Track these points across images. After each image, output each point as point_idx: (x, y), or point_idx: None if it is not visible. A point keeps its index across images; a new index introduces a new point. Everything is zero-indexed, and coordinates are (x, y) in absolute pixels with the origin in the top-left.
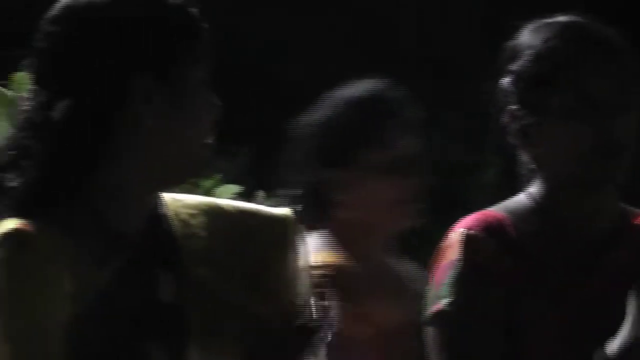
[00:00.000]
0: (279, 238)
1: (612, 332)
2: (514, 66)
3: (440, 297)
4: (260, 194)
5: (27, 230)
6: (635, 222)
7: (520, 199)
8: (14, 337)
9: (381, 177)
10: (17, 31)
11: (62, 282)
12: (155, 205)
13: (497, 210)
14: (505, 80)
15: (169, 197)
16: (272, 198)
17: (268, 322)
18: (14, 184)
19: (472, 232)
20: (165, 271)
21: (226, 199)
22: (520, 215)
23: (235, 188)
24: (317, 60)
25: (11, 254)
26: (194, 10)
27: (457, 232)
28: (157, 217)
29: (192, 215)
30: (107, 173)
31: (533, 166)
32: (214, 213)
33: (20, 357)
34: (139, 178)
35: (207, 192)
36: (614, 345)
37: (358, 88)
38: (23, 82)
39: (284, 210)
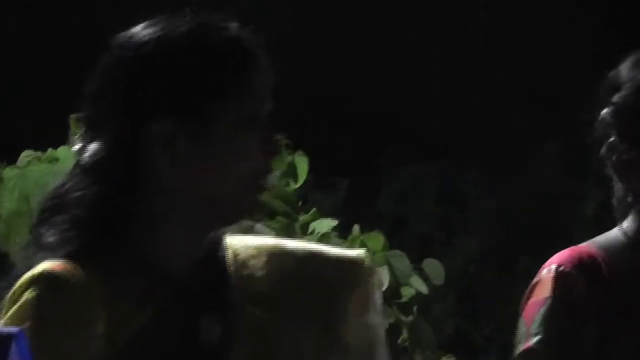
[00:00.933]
0: (348, 281)
1: None
2: (616, 98)
3: (530, 335)
4: (356, 228)
5: (60, 270)
6: None
7: (614, 234)
8: None
9: None
10: None
11: (96, 322)
12: (213, 246)
13: (590, 246)
14: (606, 112)
15: (232, 238)
16: (367, 232)
17: None
18: (55, 228)
19: (564, 269)
20: (211, 313)
21: (295, 241)
22: (614, 252)
23: (331, 222)
24: (415, 92)
25: (41, 293)
26: (238, 41)
27: (549, 269)
28: (213, 258)
29: (252, 256)
30: (148, 215)
31: (630, 200)
32: (278, 254)
33: None
34: (177, 220)
35: (304, 226)
36: None
37: None
38: None
39: (358, 252)
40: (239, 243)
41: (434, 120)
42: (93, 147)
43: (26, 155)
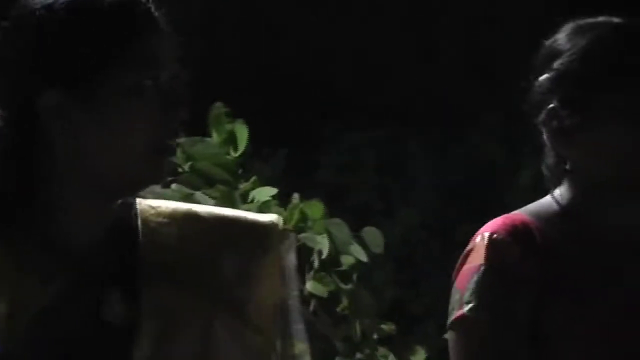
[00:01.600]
0: (259, 247)
1: None
2: (556, 64)
3: (463, 303)
4: (295, 196)
5: None
6: None
7: (547, 202)
8: None
9: None
10: None
11: None
12: (122, 215)
13: (523, 214)
14: (545, 78)
15: (143, 205)
16: (306, 201)
17: (230, 344)
18: None
19: (497, 236)
20: (115, 291)
21: (207, 207)
22: (548, 219)
23: (271, 190)
24: (357, 62)
25: None
26: (124, 7)
27: (482, 236)
28: (120, 230)
29: (163, 224)
30: (50, 187)
31: (567, 168)
32: (190, 220)
33: None
34: (77, 192)
35: (244, 195)
36: None
37: None
38: None
39: (270, 217)
40: (151, 210)
41: (375, 90)
42: None
43: None
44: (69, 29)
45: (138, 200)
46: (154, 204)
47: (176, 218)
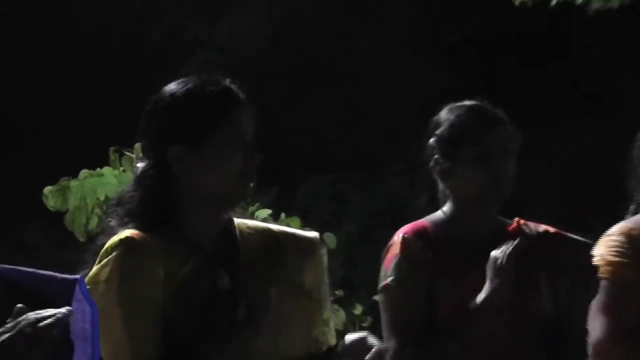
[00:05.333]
0: (309, 253)
1: None
2: (438, 131)
3: (388, 276)
4: (282, 215)
5: (135, 237)
6: (509, 229)
7: (438, 214)
8: (127, 314)
9: None
10: None
11: (157, 273)
12: (227, 224)
13: (424, 222)
14: (432, 140)
15: (239, 221)
16: (289, 218)
17: (294, 313)
18: (130, 206)
19: (407, 235)
20: (223, 268)
21: (276, 225)
22: (438, 224)
23: (268, 211)
24: (314, 136)
25: (124, 253)
26: (225, 91)
27: (398, 236)
28: (227, 233)
29: (250, 234)
30: (182, 205)
31: (447, 193)
32: (266, 233)
33: (129, 326)
34: (197, 208)
35: (252, 214)
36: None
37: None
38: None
39: (314, 233)
40: (243, 224)
41: (324, 148)
42: (140, 164)
43: (84, 172)
44: (185, 108)
45: (235, 219)
46: (245, 221)
47: (258, 230)
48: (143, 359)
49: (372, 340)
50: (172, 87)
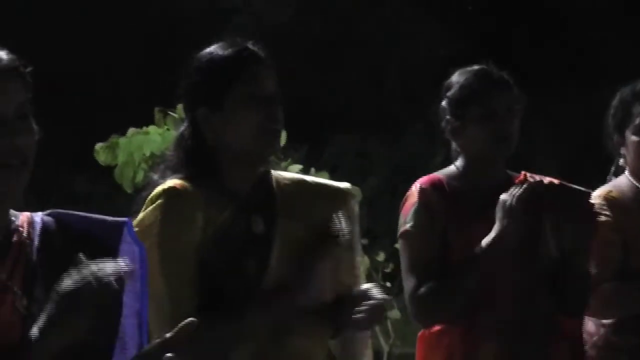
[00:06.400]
0: (341, 202)
1: None
2: (449, 93)
3: (406, 223)
4: (312, 170)
5: (177, 186)
6: (516, 181)
7: (452, 168)
8: (165, 256)
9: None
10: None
11: (197, 219)
12: (264, 176)
13: (438, 175)
14: (444, 102)
15: (276, 173)
16: (318, 172)
17: (325, 253)
18: (172, 163)
19: (424, 186)
20: (258, 214)
21: (311, 177)
22: (451, 177)
23: (298, 167)
24: (337, 99)
25: (167, 201)
26: (239, 51)
27: (416, 186)
28: (263, 183)
29: (287, 184)
30: (218, 160)
31: (458, 150)
32: (301, 183)
33: (166, 268)
34: (229, 161)
35: (285, 169)
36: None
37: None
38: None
39: (346, 184)
40: (280, 176)
41: (348, 109)
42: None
43: (131, 130)
44: (205, 71)
45: (273, 171)
46: (282, 173)
47: (294, 181)
48: (178, 298)
49: (376, 292)
50: (200, 53)
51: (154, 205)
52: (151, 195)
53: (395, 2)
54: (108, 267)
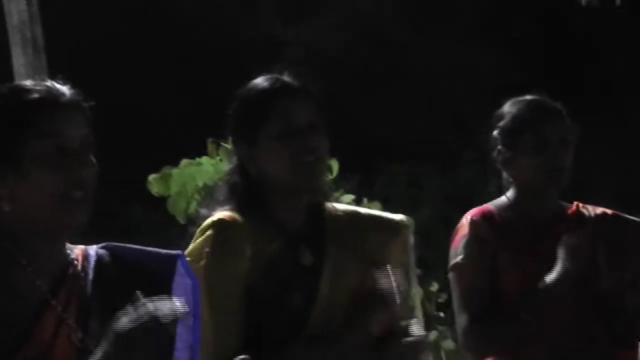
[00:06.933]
0: (394, 234)
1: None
2: (500, 124)
3: (457, 255)
4: (365, 200)
5: (227, 218)
6: (568, 212)
7: (503, 199)
8: (212, 288)
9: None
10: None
11: (245, 251)
12: (315, 207)
13: (489, 206)
14: (495, 132)
15: (328, 205)
16: (370, 202)
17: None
18: (220, 196)
19: (474, 218)
20: (307, 246)
21: (364, 209)
22: (502, 208)
23: (351, 197)
24: (393, 120)
25: (216, 233)
26: (270, 86)
27: (466, 218)
28: (314, 214)
29: (340, 216)
30: (266, 192)
31: (510, 181)
32: (353, 215)
33: (213, 301)
34: (279, 196)
35: (337, 199)
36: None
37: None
38: None
39: (400, 216)
40: (332, 207)
41: (401, 132)
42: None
43: (184, 162)
44: (242, 107)
45: (327, 203)
46: (335, 205)
47: (346, 212)
48: (223, 331)
49: (416, 329)
50: (241, 88)
51: (203, 236)
52: (201, 226)
53: (447, 32)
54: (165, 307)
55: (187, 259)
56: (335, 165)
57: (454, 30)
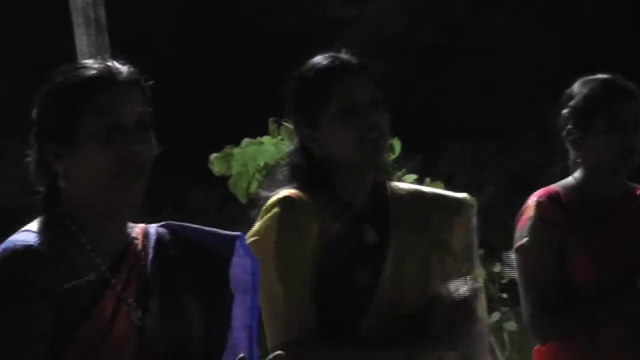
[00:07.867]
0: (457, 213)
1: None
2: (571, 103)
3: (522, 237)
4: (427, 180)
5: (292, 196)
6: (636, 192)
7: (570, 180)
8: (283, 263)
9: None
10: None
11: (312, 227)
12: (379, 186)
13: (556, 187)
14: (565, 112)
15: (393, 183)
16: (433, 182)
17: (436, 270)
18: (282, 176)
19: (541, 199)
20: (371, 224)
21: (428, 187)
22: (569, 189)
23: (413, 176)
24: (449, 105)
25: (282, 210)
26: (329, 67)
27: (532, 199)
28: (378, 193)
29: (402, 195)
30: (330, 171)
31: (579, 161)
32: (417, 194)
33: (284, 277)
34: (343, 174)
35: (399, 178)
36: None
37: None
38: None
39: (464, 194)
40: (396, 186)
41: (461, 117)
42: (295, 141)
43: (245, 141)
44: (300, 88)
45: (390, 182)
46: (398, 184)
47: (410, 191)
48: (297, 302)
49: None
50: (300, 68)
51: (269, 214)
52: (266, 205)
53: (509, 10)
54: None
55: (255, 237)
56: (397, 145)
57: (518, 9)
